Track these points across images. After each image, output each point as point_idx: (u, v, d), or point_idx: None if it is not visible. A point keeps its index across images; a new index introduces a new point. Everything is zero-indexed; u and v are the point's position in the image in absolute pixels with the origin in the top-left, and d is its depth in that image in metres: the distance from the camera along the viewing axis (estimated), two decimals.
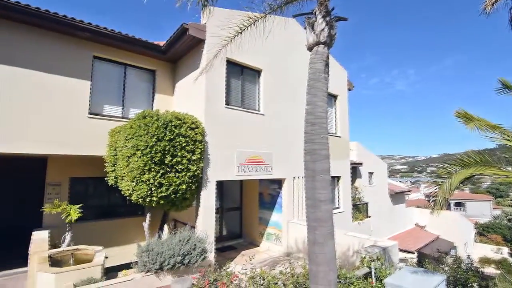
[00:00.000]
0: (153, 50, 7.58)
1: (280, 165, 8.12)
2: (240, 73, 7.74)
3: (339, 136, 10.63)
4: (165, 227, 7.22)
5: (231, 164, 7.00)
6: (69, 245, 6.14)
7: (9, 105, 5.76)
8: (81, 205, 6.50)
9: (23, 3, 5.66)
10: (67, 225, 6.22)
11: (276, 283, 3.67)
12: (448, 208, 36.18)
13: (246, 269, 3.57)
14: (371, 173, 16.10)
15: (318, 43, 3.47)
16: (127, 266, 5.88)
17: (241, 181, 9.62)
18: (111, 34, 6.77)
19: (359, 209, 13.61)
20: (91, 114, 6.79)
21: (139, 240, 6.15)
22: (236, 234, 9.49)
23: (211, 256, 6.21)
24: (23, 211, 9.16)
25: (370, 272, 4.70)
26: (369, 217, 13.71)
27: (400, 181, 37.15)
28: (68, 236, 6.21)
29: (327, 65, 3.48)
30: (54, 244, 6.25)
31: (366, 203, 14.30)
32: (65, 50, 6.51)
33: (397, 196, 18.34)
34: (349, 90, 11.71)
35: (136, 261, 5.47)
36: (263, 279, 3.68)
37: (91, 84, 6.86)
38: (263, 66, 8.10)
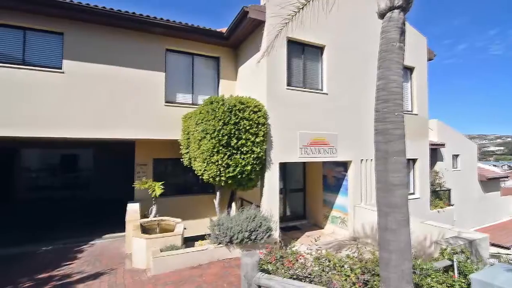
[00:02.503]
0: (216, 37, 7.89)
1: (346, 146, 7.71)
2: (301, 52, 7.46)
3: (416, 114, 9.45)
4: (233, 205, 7.73)
5: (293, 146, 6.97)
6: (155, 216, 7.17)
7: (109, 98, 6.84)
8: (163, 182, 7.45)
9: (108, 7, 6.52)
10: (153, 199, 7.25)
11: (343, 266, 3.61)
12: None
13: (311, 249, 3.60)
14: (455, 156, 14.02)
15: (391, 8, 3.06)
16: (201, 237, 6.57)
17: (304, 163, 9.53)
18: (180, 27, 7.27)
19: (439, 196, 12.12)
20: (166, 102, 7.56)
21: (210, 215, 6.76)
22: (300, 215, 9.57)
23: (276, 234, 6.45)
24: (120, 186, 11.03)
25: (451, 266, 4.22)
26: (452, 205, 12.10)
27: (494, 165, 31.35)
28: (154, 209, 7.24)
29: (402, 33, 3.06)
30: (143, 214, 7.37)
31: (449, 190, 12.61)
32: (143, 46, 7.30)
33: (489, 183, 15.64)
34: (429, 60, 10.17)
35: (209, 234, 6.06)
36: (329, 261, 3.65)
37: (165, 75, 7.59)
38: (326, 42, 7.62)
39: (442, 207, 11.22)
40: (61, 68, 6.50)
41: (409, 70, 9.54)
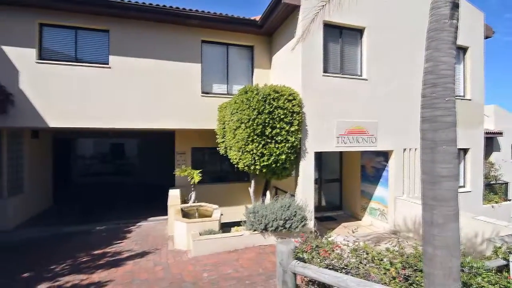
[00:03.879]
0: (250, 26, 7.84)
1: (387, 135, 7.28)
2: (339, 36, 7.09)
3: (469, 99, 8.55)
4: (267, 193, 7.82)
5: (330, 135, 6.77)
6: (194, 202, 7.55)
7: (151, 90, 7.24)
8: (201, 170, 7.78)
9: (154, 3, 6.82)
10: (192, 186, 7.62)
11: (381, 260, 3.48)
12: None
13: (348, 241, 3.52)
14: None
15: None
16: (236, 224, 6.78)
17: (341, 152, 9.22)
18: (215, 17, 7.35)
19: (495, 190, 10.95)
20: (203, 93, 7.78)
21: (245, 203, 6.92)
22: (336, 205, 9.37)
23: (311, 224, 6.41)
24: (162, 173, 11.78)
25: (506, 266, 3.84)
26: (509, 200, 10.87)
27: None
28: (193, 195, 7.62)
29: (455, 7, 2.74)
30: (183, 200, 7.80)
31: (506, 183, 11.33)
32: (180, 39, 7.53)
33: None
34: (486, 38, 9.02)
35: (244, 221, 6.23)
36: (367, 254, 3.55)
37: (201, 66, 7.78)
38: (366, 23, 7.14)
39: (497, 202, 10.15)
40: (108, 64, 7.00)
41: (462, 50, 8.59)
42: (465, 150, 8.67)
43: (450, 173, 2.59)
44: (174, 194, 7.55)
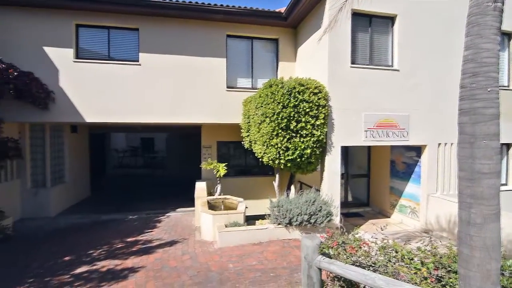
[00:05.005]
0: (275, 18, 7.74)
1: (420, 129, 6.90)
2: (368, 25, 6.77)
3: None
4: (292, 187, 7.79)
5: (357, 129, 6.55)
6: (219, 194, 7.72)
7: (178, 85, 7.46)
8: (226, 163, 7.92)
9: (180, 0, 6.99)
10: (217, 179, 7.79)
11: (412, 259, 3.33)
12: None
13: (376, 238, 3.41)
14: None
15: None
16: (260, 217, 6.83)
17: (369, 147, 8.90)
18: (239, 11, 7.34)
19: None
20: (228, 87, 7.86)
21: (269, 197, 6.94)
22: (363, 202, 9.10)
23: (336, 220, 6.30)
24: (189, 166, 12.16)
25: None
26: None
27: None
28: (218, 188, 7.79)
29: None
30: (209, 192, 8.00)
31: None
32: (206, 34, 7.63)
33: None
34: None
35: (269, 214, 6.27)
36: (396, 252, 3.41)
37: (226, 61, 7.84)
38: (398, 10, 6.74)
39: None
40: (138, 61, 7.29)
41: (506, 36, 7.84)
42: (508, 145, 7.98)
43: (491, 170, 2.41)
44: (200, 187, 7.78)
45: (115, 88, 7.13)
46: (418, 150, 7.26)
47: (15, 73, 6.19)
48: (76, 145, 9.78)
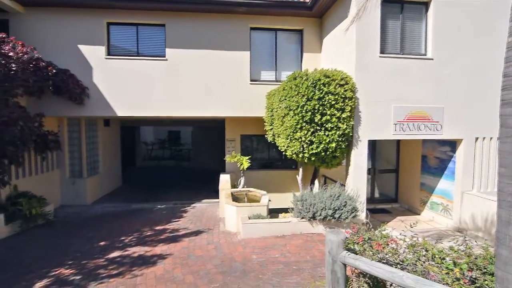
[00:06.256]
0: (299, 8, 7.56)
1: (455, 122, 6.46)
2: (399, 11, 6.40)
3: None
4: (316, 182, 7.68)
5: (386, 122, 6.28)
6: (243, 187, 7.82)
7: (203, 80, 7.59)
8: (249, 157, 7.98)
9: None
10: (241, 171, 7.89)
11: (443, 259, 3.17)
12: None
13: (405, 235, 3.28)
14: None
15: None
16: (283, 210, 6.84)
17: (399, 141, 8.51)
18: (263, 2, 7.25)
19: None
20: (251, 81, 7.85)
21: (292, 190, 6.91)
22: (390, 197, 8.77)
23: (362, 215, 6.14)
24: (214, 159, 12.43)
25: None
26: None
27: None
28: (242, 180, 7.90)
29: None
30: (233, 185, 8.13)
31: None
32: (229, 28, 7.65)
33: None
34: None
35: (292, 208, 6.25)
36: (426, 251, 3.26)
37: (250, 54, 7.82)
38: None
39: None
40: (165, 56, 7.50)
41: None
42: None
43: None
44: (224, 179, 7.93)
45: (143, 83, 7.41)
46: (452, 144, 6.82)
47: (54, 71, 6.65)
48: (108, 138, 10.35)
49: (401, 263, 3.06)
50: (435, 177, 7.31)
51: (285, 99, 5.97)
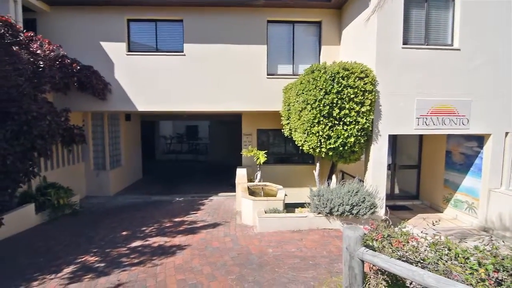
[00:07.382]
0: None
1: (483, 116, 6.12)
2: (424, 0, 6.09)
3: None
4: (333, 177, 7.57)
5: (408, 116, 6.05)
6: (259, 181, 7.85)
7: (220, 74, 7.64)
8: (266, 151, 7.99)
9: None
10: (257, 166, 7.92)
11: (467, 258, 3.04)
12: None
13: (426, 233, 3.17)
14: None
15: None
16: (299, 205, 6.80)
17: (421, 135, 8.19)
18: None
19: None
20: (268, 75, 7.80)
21: (309, 185, 6.85)
22: (411, 194, 8.50)
23: (381, 212, 6.00)
24: (231, 153, 12.54)
25: None
26: None
27: None
28: (258, 174, 7.93)
29: None
30: (249, 179, 8.18)
31: None
32: (246, 21, 7.61)
33: None
34: None
35: (308, 203, 6.21)
36: (449, 250, 3.15)
37: (267, 48, 7.75)
38: None
39: None
40: (182, 51, 7.59)
41: None
42: None
43: None
44: (241, 173, 7.99)
45: (162, 78, 7.56)
46: (480, 140, 6.48)
47: (78, 67, 6.92)
48: (130, 132, 10.70)
49: (421, 261, 2.97)
50: (460, 173, 6.99)
51: (303, 93, 5.88)
